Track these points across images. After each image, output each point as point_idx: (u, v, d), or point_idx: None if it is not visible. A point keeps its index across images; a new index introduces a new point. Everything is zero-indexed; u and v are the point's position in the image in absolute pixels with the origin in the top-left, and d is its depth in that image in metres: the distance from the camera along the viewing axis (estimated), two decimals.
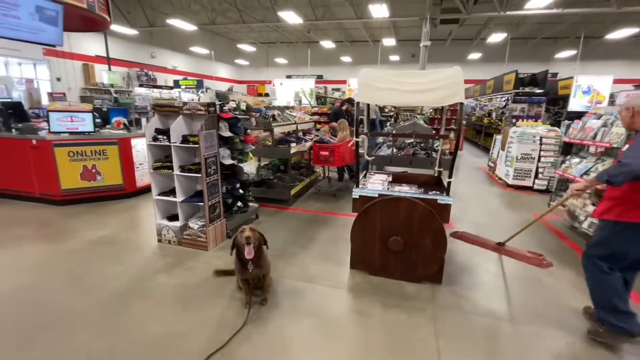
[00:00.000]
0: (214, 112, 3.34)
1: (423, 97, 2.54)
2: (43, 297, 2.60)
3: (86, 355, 1.99)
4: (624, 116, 2.11)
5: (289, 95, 16.24)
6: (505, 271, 3.19)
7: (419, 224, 2.73)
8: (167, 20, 13.58)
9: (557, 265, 3.16)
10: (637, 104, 2.04)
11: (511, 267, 3.24)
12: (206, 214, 3.34)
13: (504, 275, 3.12)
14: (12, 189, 5.00)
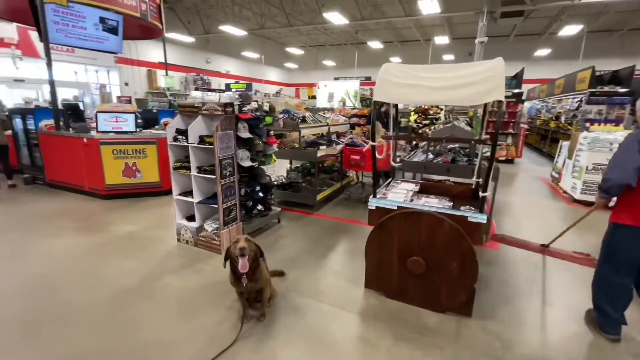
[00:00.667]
0: (231, 113, 3.25)
1: (453, 94, 2.13)
2: (57, 288, 2.70)
3: (74, 355, 1.97)
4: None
5: (334, 97, 16.11)
6: (554, 301, 2.60)
7: (444, 244, 2.31)
8: (220, 27, 14.27)
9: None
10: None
11: (563, 297, 2.63)
12: (220, 216, 3.26)
13: (552, 305, 2.53)
14: (69, 182, 5.51)
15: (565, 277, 3.02)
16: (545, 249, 2.90)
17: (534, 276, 3.04)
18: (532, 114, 13.85)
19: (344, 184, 5.72)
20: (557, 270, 3.14)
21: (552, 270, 3.14)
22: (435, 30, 16.72)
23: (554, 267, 3.19)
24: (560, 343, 2.18)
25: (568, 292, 2.79)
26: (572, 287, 2.85)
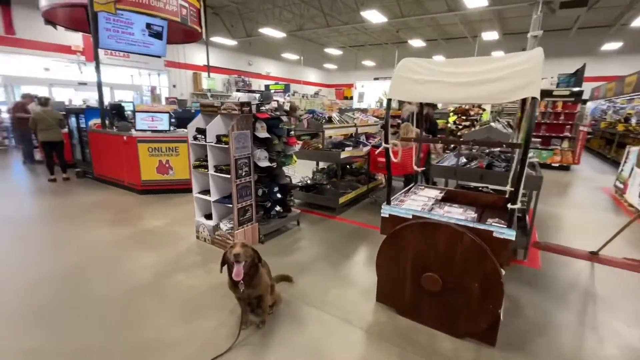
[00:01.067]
0: (248, 112, 3.22)
1: (475, 91, 1.85)
2: (80, 278, 2.85)
3: (77, 349, 2.03)
4: None
5: (372, 98, 15.77)
6: (603, 334, 2.17)
7: (464, 261, 2.04)
8: (260, 30, 14.64)
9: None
10: None
11: (615, 333, 2.19)
12: (235, 216, 3.24)
13: (601, 341, 2.11)
14: (112, 176, 5.93)
15: (620, 309, 2.54)
16: (594, 256, 2.51)
17: (578, 303, 2.60)
18: (596, 116, 12.33)
19: (371, 187, 5.48)
20: (610, 298, 2.66)
21: (605, 299, 2.66)
22: (483, 25, 15.61)
23: (607, 296, 2.70)
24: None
25: (620, 327, 2.34)
26: (629, 320, 2.38)
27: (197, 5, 7.38)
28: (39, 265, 3.06)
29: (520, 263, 3.20)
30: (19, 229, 3.91)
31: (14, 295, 2.58)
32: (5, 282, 2.76)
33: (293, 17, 15.40)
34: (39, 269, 2.99)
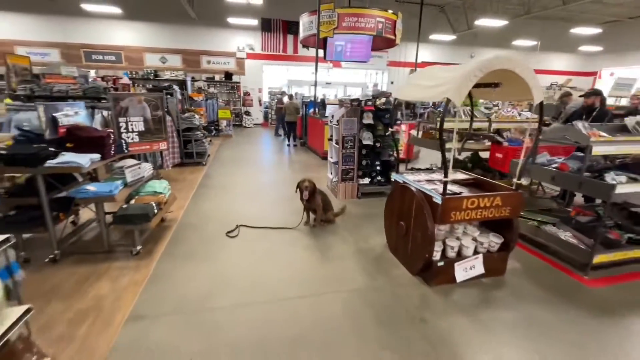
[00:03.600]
0: (357, 105, 4.77)
1: (429, 92, 2.58)
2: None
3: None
4: None
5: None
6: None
7: (415, 215, 2.84)
8: (479, 21, 14.22)
9: None
10: None
11: None
12: (339, 173, 4.98)
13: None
14: (314, 147, 9.06)
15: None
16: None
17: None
18: None
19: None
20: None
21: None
22: None
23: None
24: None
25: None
26: None
27: (394, 17, 9.08)
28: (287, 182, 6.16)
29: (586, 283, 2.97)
30: (275, 170, 7.49)
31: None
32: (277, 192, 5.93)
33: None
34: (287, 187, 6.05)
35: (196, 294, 2.61)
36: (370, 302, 2.58)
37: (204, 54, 15.33)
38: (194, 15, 13.71)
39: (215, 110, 11.39)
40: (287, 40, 15.77)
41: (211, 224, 3.97)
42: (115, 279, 2.78)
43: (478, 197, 2.66)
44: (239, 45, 15.54)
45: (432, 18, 17.19)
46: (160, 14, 14.21)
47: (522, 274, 3.05)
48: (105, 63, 14.41)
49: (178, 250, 3.33)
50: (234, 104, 15.28)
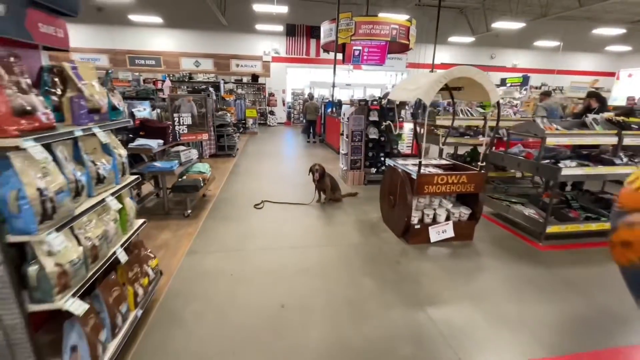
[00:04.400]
0: (364, 105, 5.60)
1: (408, 94, 3.40)
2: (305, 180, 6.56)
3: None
4: None
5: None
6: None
7: (400, 188, 3.66)
8: (493, 25, 14.55)
9: None
10: None
11: None
12: (348, 162, 5.84)
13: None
14: (331, 143, 9.94)
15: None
16: None
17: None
18: None
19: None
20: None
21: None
22: None
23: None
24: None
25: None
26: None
27: (407, 24, 9.79)
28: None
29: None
30: (295, 161, 8.46)
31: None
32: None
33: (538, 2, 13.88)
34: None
35: (232, 241, 3.57)
36: (360, 252, 3.44)
37: (233, 58, 16.62)
38: (225, 23, 14.97)
39: (243, 109, 12.54)
40: (310, 44, 16.75)
41: (241, 199, 4.95)
42: (175, 231, 3.80)
43: (447, 174, 3.44)
44: (265, 49, 16.70)
45: (451, 20, 17.60)
46: (195, 21, 15.61)
47: (489, 240, 3.78)
48: (146, 67, 16.01)
49: (217, 215, 4.32)
50: (259, 104, 16.44)
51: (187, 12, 15.32)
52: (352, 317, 2.40)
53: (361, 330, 2.27)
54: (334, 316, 2.41)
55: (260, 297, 2.61)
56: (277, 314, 2.42)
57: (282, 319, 2.37)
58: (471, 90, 3.44)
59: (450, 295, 2.70)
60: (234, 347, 2.09)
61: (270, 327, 2.28)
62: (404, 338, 2.21)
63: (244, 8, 15.26)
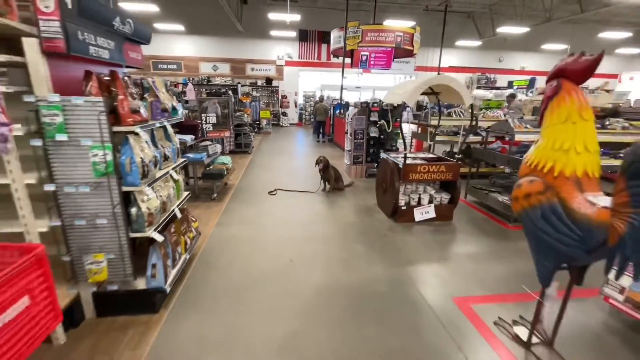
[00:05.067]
0: (365, 107, 6.34)
1: (396, 97, 4.12)
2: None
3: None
4: None
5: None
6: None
7: (390, 177, 4.38)
8: (498, 29, 15.01)
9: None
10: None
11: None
12: (351, 157, 6.58)
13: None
14: (339, 142, 10.68)
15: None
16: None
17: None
18: None
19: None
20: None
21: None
22: None
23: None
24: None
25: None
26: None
27: (411, 31, 10.46)
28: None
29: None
30: (304, 158, 9.27)
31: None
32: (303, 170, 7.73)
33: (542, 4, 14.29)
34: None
35: (251, 218, 4.37)
36: (355, 227, 4.18)
37: (248, 62, 17.59)
38: (241, 29, 15.94)
39: (258, 111, 13.43)
40: (322, 49, 17.57)
41: (257, 188, 5.76)
42: (205, 209, 4.63)
43: (427, 164, 4.15)
44: (278, 54, 17.61)
45: (459, 24, 18.11)
46: (213, 29, 16.66)
47: (466, 221, 4.46)
48: (168, 71, 17.15)
49: (238, 199, 5.14)
50: (272, 106, 17.34)
51: (207, 20, 16.37)
52: (343, 269, 3.16)
53: (349, 276, 3.02)
54: (330, 268, 3.17)
55: (274, 255, 3.39)
56: (287, 265, 3.19)
57: (290, 267, 3.15)
58: (450, 94, 4.14)
59: (423, 258, 3.42)
60: (256, 282, 2.87)
61: (281, 272, 3.06)
62: (381, 282, 2.95)
63: (260, 15, 16.22)
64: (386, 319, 2.45)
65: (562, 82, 1.90)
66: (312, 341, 2.21)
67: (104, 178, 2.01)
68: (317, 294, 2.75)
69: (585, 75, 1.83)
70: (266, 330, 2.29)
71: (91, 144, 1.93)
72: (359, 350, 2.14)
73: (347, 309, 2.56)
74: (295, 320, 2.40)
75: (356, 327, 2.36)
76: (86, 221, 2.05)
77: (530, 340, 2.18)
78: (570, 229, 1.71)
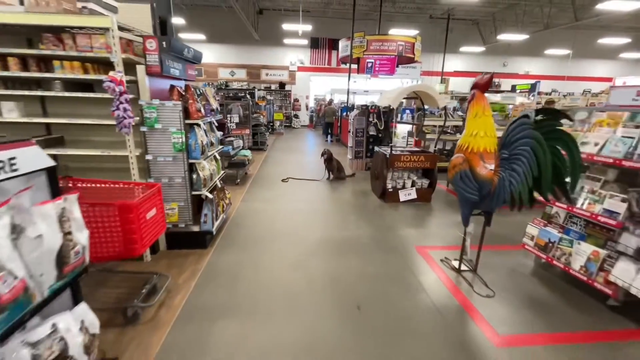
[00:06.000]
0: (365, 109, 7.39)
1: (386, 100, 5.15)
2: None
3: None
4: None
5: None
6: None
7: (380, 165, 5.41)
8: (498, 37, 15.80)
9: None
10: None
11: None
12: (353, 153, 7.63)
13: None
14: (343, 140, 11.73)
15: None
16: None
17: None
18: None
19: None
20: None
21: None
22: None
23: None
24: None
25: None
26: None
27: (412, 41, 11.45)
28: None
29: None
30: (313, 155, 10.37)
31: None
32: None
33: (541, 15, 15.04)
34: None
35: (268, 197, 5.47)
36: (351, 205, 5.22)
37: (263, 68, 18.88)
38: (257, 37, 17.23)
39: (272, 113, 14.63)
40: (332, 55, 18.71)
41: (273, 176, 6.86)
42: (232, 191, 5.74)
43: (409, 154, 5.16)
44: (291, 60, 18.84)
45: (463, 31, 18.95)
46: (231, 37, 18.01)
47: (442, 202, 5.44)
48: None
49: (257, 184, 6.25)
50: (285, 109, 18.54)
51: (226, 29, 17.74)
52: (337, 229, 4.21)
53: (342, 233, 4.07)
54: (328, 228, 4.23)
55: (286, 220, 4.47)
56: (296, 226, 4.27)
57: (299, 228, 4.22)
58: (428, 98, 5.15)
59: (401, 225, 4.43)
60: (274, 235, 3.95)
61: (293, 230, 4.13)
62: (365, 237, 3.98)
63: (274, 25, 17.48)
64: (365, 257, 3.49)
65: (475, 92, 2.92)
66: (313, 266, 3.27)
67: (179, 153, 3.13)
68: (318, 242, 3.81)
69: (486, 87, 2.85)
70: (281, 260, 3.37)
71: (173, 130, 3.05)
72: (344, 272, 3.18)
73: (338, 250, 3.61)
74: (302, 256, 3.47)
75: (344, 260, 3.41)
76: (168, 180, 3.18)
77: (460, 267, 3.18)
78: (473, 184, 2.73)
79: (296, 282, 2.97)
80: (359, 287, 2.93)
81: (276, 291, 2.81)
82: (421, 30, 18.14)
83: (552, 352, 2.20)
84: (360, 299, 2.73)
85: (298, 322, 2.43)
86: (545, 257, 3.12)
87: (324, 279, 3.05)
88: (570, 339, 2.33)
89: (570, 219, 3.12)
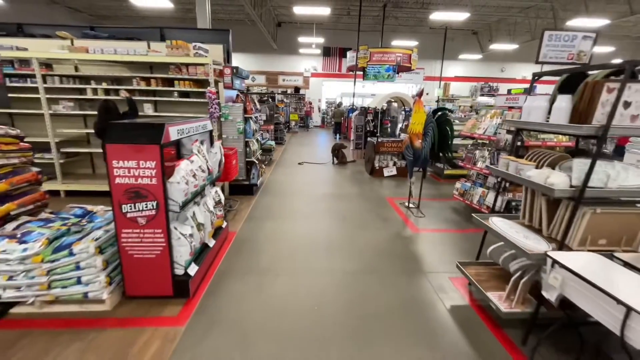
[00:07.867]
0: (364, 110, 9.41)
1: (374, 104, 7.15)
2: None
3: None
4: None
5: None
6: None
7: (370, 150, 7.42)
8: (491, 46, 17.51)
9: None
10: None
11: None
12: (353, 144, 9.65)
13: None
14: (347, 134, 13.75)
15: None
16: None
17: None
18: None
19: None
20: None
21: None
22: None
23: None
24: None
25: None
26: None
27: (409, 52, 13.41)
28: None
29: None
30: (323, 148, 12.47)
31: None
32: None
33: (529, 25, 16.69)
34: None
35: (289, 172, 7.57)
36: (348, 178, 7.25)
37: (280, 74, 21.12)
38: (275, 47, 19.49)
39: (288, 114, 16.80)
40: (342, 63, 20.79)
41: (290, 161, 8.97)
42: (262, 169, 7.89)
43: (391, 142, 7.15)
44: (305, 67, 21.03)
45: (463, 40, 20.72)
46: (252, 47, 20.32)
47: (417, 177, 7.40)
48: None
49: (279, 165, 8.37)
50: (299, 110, 20.72)
51: (248, 40, 20.07)
52: (336, 189, 6.25)
53: (339, 191, 6.11)
54: (329, 188, 6.28)
55: (303, 185, 6.56)
56: (309, 188, 6.33)
57: (311, 188, 6.28)
58: (404, 101, 7.12)
59: (382, 188, 6.43)
60: (293, 193, 6.03)
61: (307, 190, 6.20)
62: (355, 194, 6.01)
63: (291, 36, 19.72)
64: (352, 201, 5.52)
65: (416, 99, 4.94)
66: (319, 204, 5.32)
67: (240, 135, 5.25)
68: (323, 195, 5.87)
69: (420, 96, 4.86)
70: (299, 202, 5.44)
71: (238, 121, 5.18)
72: (338, 206, 5.23)
73: (335, 198, 5.66)
74: (312, 200, 5.54)
75: (338, 202, 5.45)
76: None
77: (409, 204, 5.17)
78: (410, 151, 4.74)
79: (308, 210, 5.04)
80: (346, 212, 4.98)
81: (296, 214, 4.89)
82: (422, 40, 20.05)
83: (441, 235, 4.18)
84: (346, 215, 4.78)
85: (310, 223, 4.50)
86: (462, 199, 5.08)
87: (326, 209, 5.11)
88: (454, 231, 4.31)
89: (477, 176, 5.08)
